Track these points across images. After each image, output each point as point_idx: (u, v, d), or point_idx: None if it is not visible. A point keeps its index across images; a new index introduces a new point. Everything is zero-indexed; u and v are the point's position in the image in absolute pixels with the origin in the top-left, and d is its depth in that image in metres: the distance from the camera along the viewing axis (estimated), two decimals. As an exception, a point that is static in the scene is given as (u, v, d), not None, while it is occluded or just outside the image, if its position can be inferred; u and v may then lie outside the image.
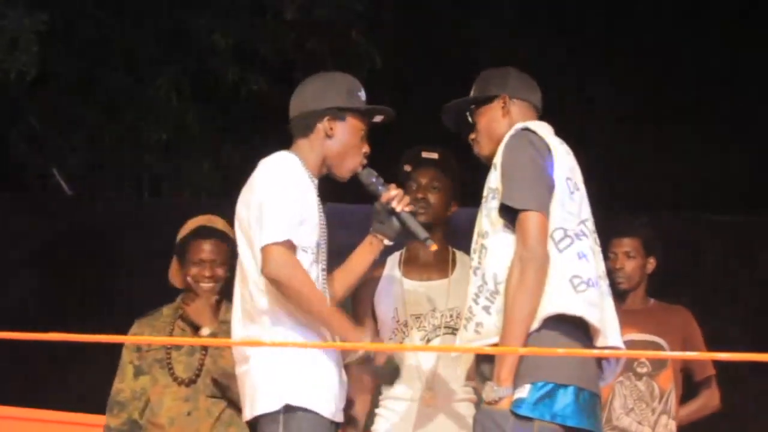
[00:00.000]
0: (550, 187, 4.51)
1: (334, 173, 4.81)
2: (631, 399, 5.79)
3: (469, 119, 4.81)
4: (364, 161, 4.82)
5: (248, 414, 4.68)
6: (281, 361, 4.63)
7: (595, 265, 4.53)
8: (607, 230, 5.80)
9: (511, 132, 4.61)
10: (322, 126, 4.75)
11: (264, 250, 4.55)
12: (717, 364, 5.97)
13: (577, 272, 4.45)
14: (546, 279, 4.41)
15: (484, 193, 4.61)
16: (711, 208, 8.43)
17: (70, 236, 7.87)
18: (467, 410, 5.26)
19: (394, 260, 5.44)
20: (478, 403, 4.65)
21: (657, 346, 5.78)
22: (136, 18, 8.74)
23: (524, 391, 4.36)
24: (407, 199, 4.84)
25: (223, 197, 4.85)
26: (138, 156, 8.78)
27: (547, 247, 4.45)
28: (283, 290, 4.63)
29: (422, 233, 4.82)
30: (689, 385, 5.98)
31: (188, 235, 5.43)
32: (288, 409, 4.56)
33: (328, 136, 4.75)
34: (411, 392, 5.30)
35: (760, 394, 7.19)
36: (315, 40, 8.76)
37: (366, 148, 4.82)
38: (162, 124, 8.68)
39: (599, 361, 4.64)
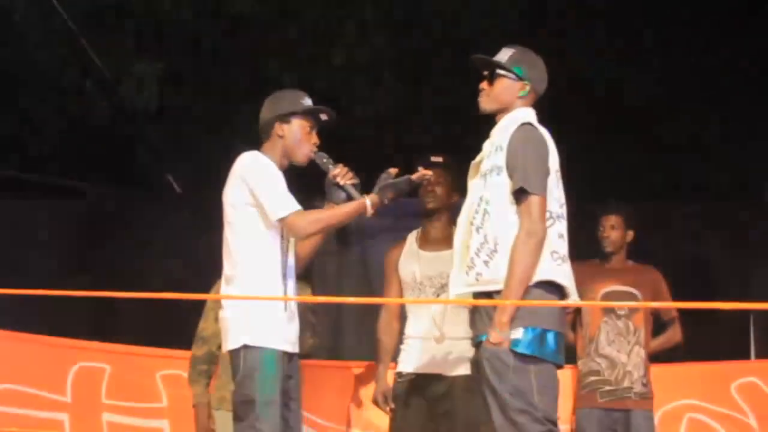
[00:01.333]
0: (548, 175, 4.40)
1: (293, 161, 4.73)
2: (613, 334, 5.68)
3: (488, 74, 4.54)
4: (315, 149, 4.71)
5: (223, 349, 4.62)
6: (240, 311, 4.53)
7: (567, 244, 4.46)
8: (596, 210, 5.96)
9: (518, 125, 4.43)
10: (274, 130, 4.69)
11: (285, 221, 4.52)
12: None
13: (556, 249, 4.39)
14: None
15: (487, 167, 4.46)
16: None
17: (182, 222, 7.95)
18: (467, 346, 5.19)
19: (412, 237, 5.49)
20: (474, 340, 4.59)
21: (633, 296, 5.69)
22: (226, 65, 8.79)
23: (519, 333, 4.30)
24: (350, 173, 4.71)
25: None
26: (230, 165, 8.79)
27: None
28: (319, 234, 4.69)
29: (358, 197, 4.64)
30: (659, 325, 5.91)
31: None
32: (246, 347, 4.48)
33: (280, 137, 4.68)
34: (426, 333, 5.33)
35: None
36: (356, 78, 8.77)
37: (315, 140, 4.73)
38: (249, 142, 8.71)
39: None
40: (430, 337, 5.32)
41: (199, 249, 7.14)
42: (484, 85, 4.56)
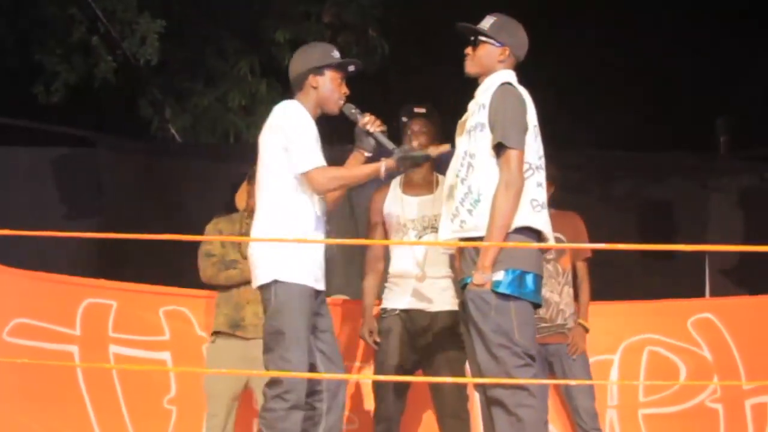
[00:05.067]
0: (526, 131, 4.43)
1: (325, 111, 4.69)
2: (545, 276, 5.48)
3: (472, 39, 4.57)
4: (344, 99, 4.68)
5: (254, 284, 4.58)
6: (271, 245, 4.50)
7: (545, 192, 4.51)
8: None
9: (498, 85, 4.46)
10: (308, 82, 4.64)
11: (307, 175, 4.49)
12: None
13: (535, 197, 4.43)
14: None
15: (471, 124, 4.49)
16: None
17: (181, 169, 7.87)
18: (446, 284, 5.30)
19: (396, 182, 5.47)
20: (460, 282, 4.59)
21: (559, 239, 5.54)
22: (225, 21, 8.76)
23: (500, 275, 4.35)
24: (378, 121, 4.71)
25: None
26: (226, 116, 8.79)
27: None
28: (339, 190, 4.69)
29: (390, 145, 4.68)
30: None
31: None
32: (277, 282, 4.46)
33: (314, 88, 4.64)
34: (409, 272, 5.32)
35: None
36: (344, 35, 8.76)
37: (345, 90, 4.68)
38: (243, 94, 8.69)
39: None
40: (412, 275, 5.32)
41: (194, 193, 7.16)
42: (468, 50, 4.58)
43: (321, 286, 4.62)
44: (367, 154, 4.75)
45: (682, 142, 8.45)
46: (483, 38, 4.55)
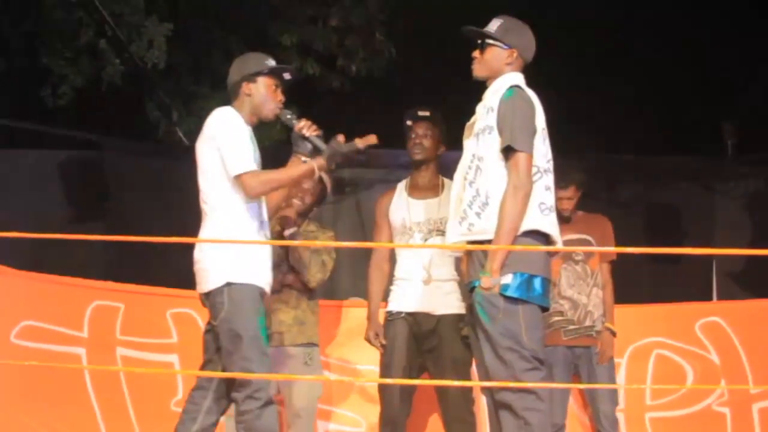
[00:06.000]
0: (534, 134, 4.41)
1: (261, 118, 4.72)
2: (573, 278, 5.67)
3: (479, 43, 4.56)
4: (281, 106, 4.70)
5: (201, 289, 4.57)
6: (220, 252, 4.52)
7: (553, 196, 4.50)
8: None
9: (507, 87, 4.45)
10: (242, 90, 4.67)
11: (239, 179, 4.50)
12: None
13: (543, 200, 4.41)
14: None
15: (479, 127, 4.48)
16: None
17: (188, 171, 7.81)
18: (452, 287, 5.31)
19: (402, 185, 5.48)
20: (468, 285, 4.55)
21: (587, 242, 5.68)
22: (231, 26, 8.76)
23: (509, 279, 4.34)
24: (314, 126, 4.73)
25: (288, 144, 4.88)
26: None
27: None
28: (271, 193, 4.70)
29: (323, 147, 4.67)
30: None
31: None
32: (230, 285, 4.48)
33: (248, 95, 4.67)
34: (415, 275, 5.33)
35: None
36: (351, 39, 8.77)
37: (280, 97, 4.71)
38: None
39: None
40: (418, 278, 5.32)
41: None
42: (476, 53, 4.57)
43: (268, 287, 4.65)
44: (304, 158, 4.75)
45: (690, 145, 8.44)
46: (490, 41, 4.54)
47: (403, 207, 5.41)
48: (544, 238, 4.43)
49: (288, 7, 8.65)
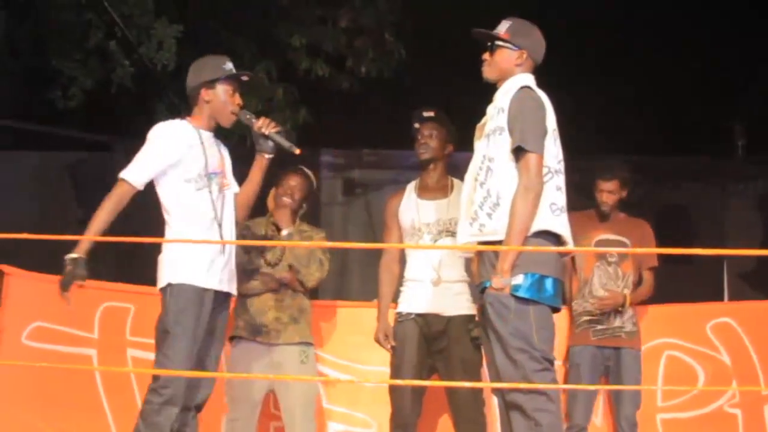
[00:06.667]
0: (545, 135, 4.41)
1: (219, 122, 4.77)
2: (605, 278, 5.69)
3: (489, 45, 4.57)
4: (238, 109, 4.73)
5: (158, 287, 4.70)
6: (170, 253, 4.66)
7: (564, 196, 4.48)
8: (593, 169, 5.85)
9: (517, 88, 4.46)
10: (201, 96, 4.73)
11: (118, 181, 4.66)
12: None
13: (555, 200, 4.40)
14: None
15: (490, 128, 4.48)
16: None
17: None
18: (461, 288, 5.32)
19: (411, 186, 5.49)
20: (479, 286, 4.54)
21: (623, 244, 5.68)
22: (240, 27, 8.75)
23: (520, 279, 4.34)
24: (273, 123, 4.78)
25: (299, 146, 4.88)
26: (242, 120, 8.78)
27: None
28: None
29: (286, 144, 4.75)
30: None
31: (283, 172, 5.52)
32: (171, 285, 4.60)
33: (207, 102, 4.73)
34: (424, 276, 5.34)
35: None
36: (360, 40, 8.75)
37: (238, 101, 4.75)
38: (259, 98, 8.70)
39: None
40: (427, 279, 5.32)
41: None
42: (486, 55, 4.58)
43: (219, 285, 4.69)
44: (267, 156, 4.81)
45: (700, 146, 8.42)
46: (499, 43, 4.55)
47: (412, 208, 5.41)
48: (556, 238, 4.43)
49: (297, 8, 8.63)
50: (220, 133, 4.94)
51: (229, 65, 4.78)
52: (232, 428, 5.39)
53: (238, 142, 7.13)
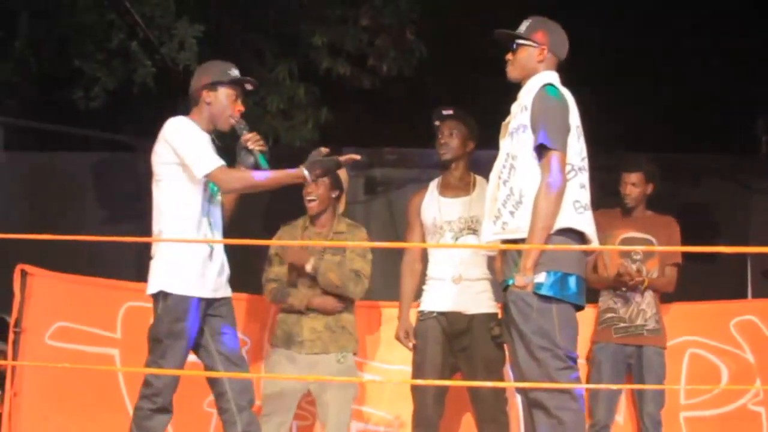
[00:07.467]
0: (568, 132, 4.41)
1: (217, 126, 4.76)
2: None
3: (512, 45, 4.57)
4: (237, 116, 4.73)
5: (148, 291, 4.71)
6: (162, 260, 4.65)
7: (588, 194, 4.47)
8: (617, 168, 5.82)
9: (540, 86, 4.45)
10: (202, 98, 4.73)
11: (210, 176, 4.57)
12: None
13: (578, 198, 4.40)
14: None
15: (514, 126, 4.47)
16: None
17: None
18: (483, 286, 5.32)
19: (433, 184, 5.49)
20: (502, 284, 4.52)
21: (649, 242, 5.66)
22: (261, 26, 8.77)
23: (542, 277, 4.34)
24: (260, 141, 4.75)
25: (321, 144, 4.88)
26: (264, 119, 8.79)
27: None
28: (245, 192, 4.75)
29: (265, 166, 4.71)
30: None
31: None
32: (162, 293, 4.62)
33: (207, 104, 4.72)
34: (446, 275, 5.34)
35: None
36: (381, 39, 8.75)
37: (240, 107, 4.76)
38: (281, 97, 8.71)
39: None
40: (449, 278, 5.32)
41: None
42: (509, 56, 4.58)
43: (213, 293, 4.71)
44: (244, 168, 4.77)
45: (723, 142, 8.38)
46: (521, 41, 4.55)
47: (434, 206, 5.40)
48: (579, 236, 4.42)
49: (318, 8, 8.65)
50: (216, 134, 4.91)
51: (236, 72, 4.79)
52: (267, 424, 5.30)
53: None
